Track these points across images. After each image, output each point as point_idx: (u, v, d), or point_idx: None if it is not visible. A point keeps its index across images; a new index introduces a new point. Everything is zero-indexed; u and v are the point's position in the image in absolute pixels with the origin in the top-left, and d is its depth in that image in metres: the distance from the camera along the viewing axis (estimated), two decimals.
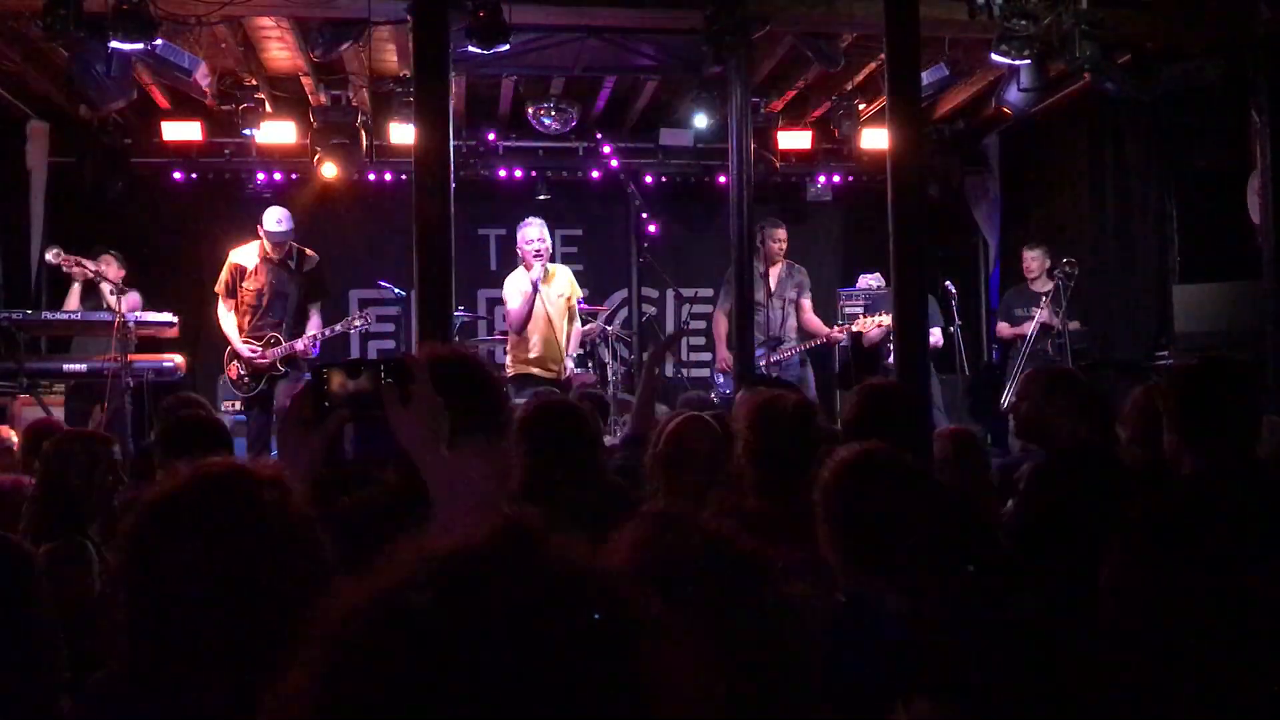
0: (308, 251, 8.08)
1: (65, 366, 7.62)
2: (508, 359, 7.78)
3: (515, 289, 7.60)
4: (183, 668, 1.45)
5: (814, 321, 8.66)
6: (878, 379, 5.39)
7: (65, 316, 7.89)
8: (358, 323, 8.22)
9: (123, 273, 8.22)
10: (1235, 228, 7.80)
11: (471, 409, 1.93)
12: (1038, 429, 3.78)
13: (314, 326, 7.90)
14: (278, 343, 7.75)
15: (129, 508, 1.82)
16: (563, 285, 7.75)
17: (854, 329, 8.65)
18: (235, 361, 7.82)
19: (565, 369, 7.73)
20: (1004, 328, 9.10)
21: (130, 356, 7.27)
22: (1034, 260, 8.91)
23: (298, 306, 7.93)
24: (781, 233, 8.70)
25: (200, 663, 1.45)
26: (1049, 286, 8.60)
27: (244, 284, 7.84)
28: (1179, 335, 7.93)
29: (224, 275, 7.91)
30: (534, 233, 7.53)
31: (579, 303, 8.12)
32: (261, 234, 7.83)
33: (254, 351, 7.70)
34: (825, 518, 2.34)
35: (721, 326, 8.78)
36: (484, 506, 1.69)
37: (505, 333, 8.10)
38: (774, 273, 8.64)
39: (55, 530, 3.40)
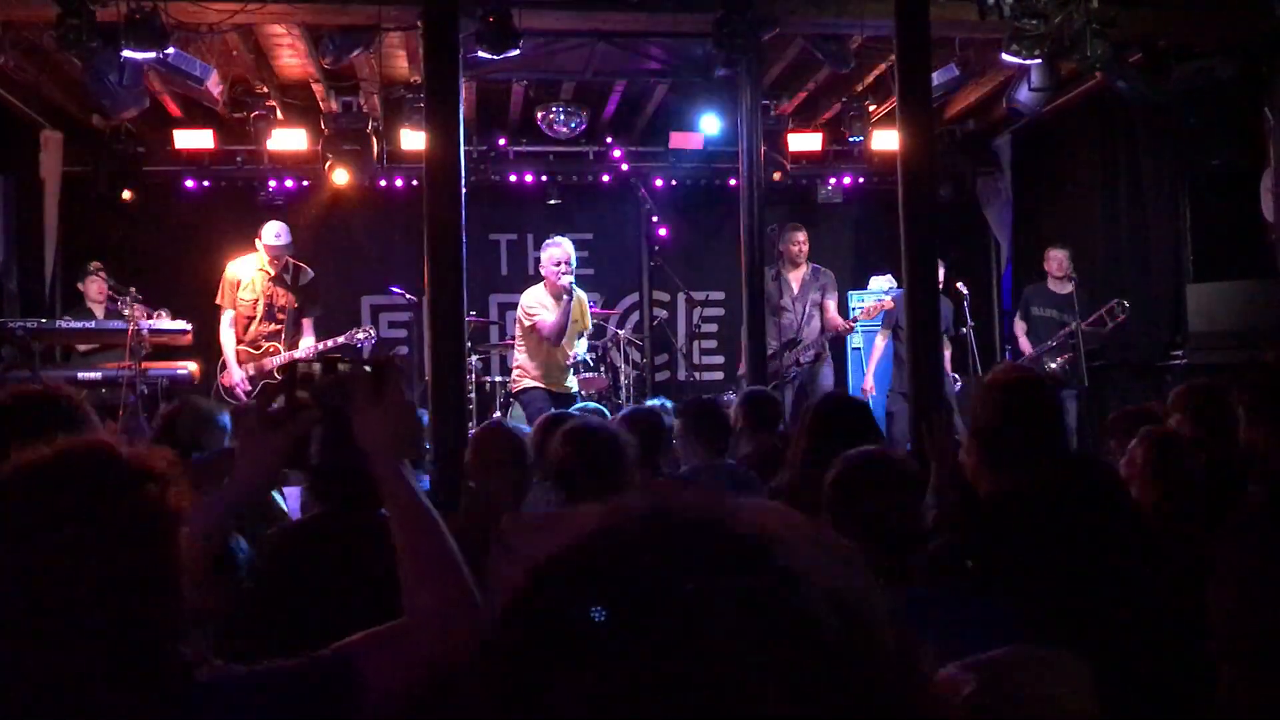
0: (303, 266, 8.26)
1: (80, 375, 7.64)
2: (515, 371, 7.78)
3: (539, 302, 7.60)
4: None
5: (834, 320, 8.64)
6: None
7: (79, 325, 7.94)
8: (360, 335, 8.27)
9: (105, 287, 8.28)
10: (1249, 226, 7.76)
11: None
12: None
13: (308, 337, 8.03)
14: (276, 352, 7.88)
15: None
16: (578, 310, 7.79)
17: (859, 319, 8.67)
18: (225, 372, 8.04)
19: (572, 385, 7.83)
20: (1021, 328, 9.07)
21: (144, 364, 7.32)
22: (1054, 261, 8.81)
23: (295, 317, 8.06)
24: (800, 235, 8.68)
25: (23, 655, 1.29)
26: (1068, 289, 8.58)
27: (241, 295, 8.01)
28: (1193, 335, 7.89)
29: (221, 288, 8.10)
30: (559, 253, 7.57)
31: (591, 304, 8.18)
32: (260, 247, 8.00)
33: (240, 380, 7.85)
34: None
35: None
36: (434, 531, 1.56)
37: (514, 339, 8.10)
38: (797, 276, 8.62)
39: None
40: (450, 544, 1.56)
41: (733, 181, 9.05)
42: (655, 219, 9.72)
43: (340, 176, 9.33)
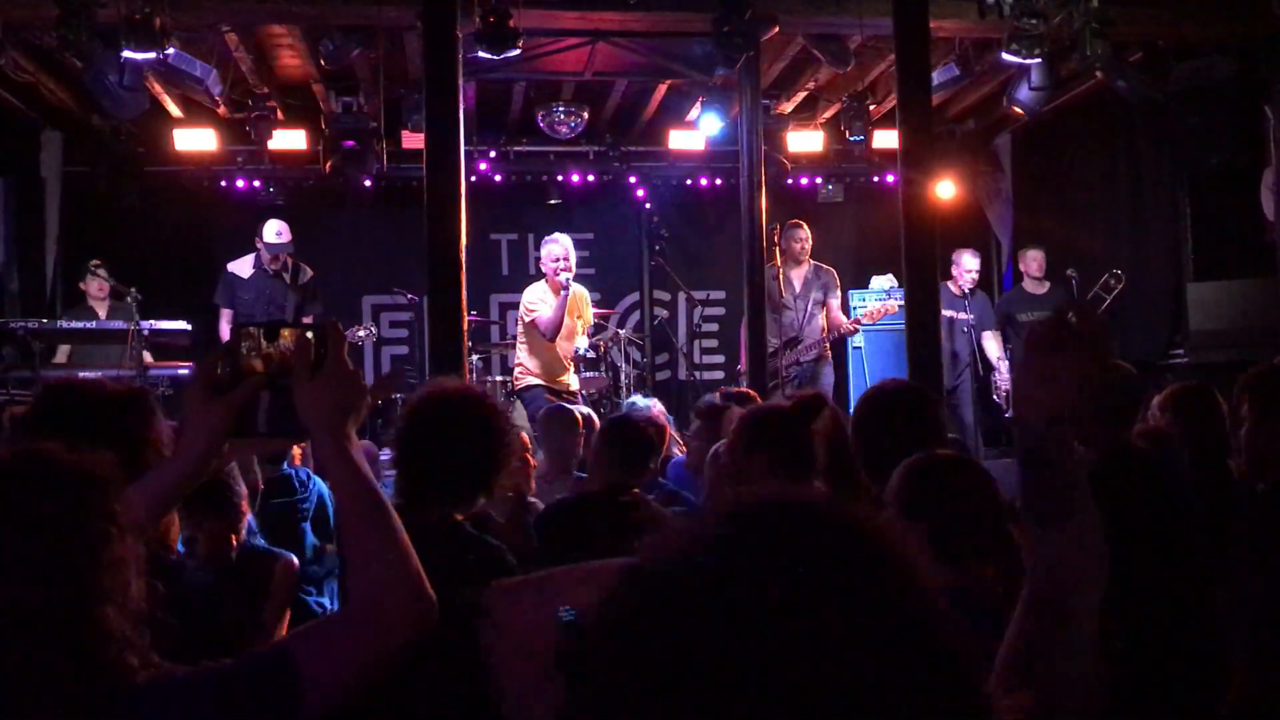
0: (303, 265, 8.28)
1: (80, 375, 7.64)
2: (516, 369, 7.78)
3: (540, 298, 7.59)
4: None
5: (838, 320, 8.61)
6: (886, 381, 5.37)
7: (80, 325, 7.93)
8: (361, 333, 8.26)
9: (106, 286, 8.28)
10: (1249, 225, 7.77)
11: None
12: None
13: None
14: None
15: None
16: (580, 307, 7.78)
17: (863, 321, 8.64)
18: None
19: (572, 383, 7.81)
20: (997, 341, 8.89)
21: (146, 364, 7.32)
22: (1033, 261, 8.99)
23: (295, 317, 8.06)
24: (803, 233, 8.65)
25: None
26: (1045, 289, 8.80)
27: (240, 294, 8.04)
28: (1194, 333, 7.90)
29: (220, 287, 8.15)
30: (558, 250, 7.56)
31: (592, 306, 8.18)
32: (260, 245, 8.04)
33: None
34: None
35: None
36: (378, 513, 1.50)
37: (515, 338, 8.10)
38: (799, 274, 8.59)
39: None
40: (395, 526, 1.47)
41: (733, 181, 9.05)
42: (655, 219, 9.74)
43: (340, 177, 9.33)
